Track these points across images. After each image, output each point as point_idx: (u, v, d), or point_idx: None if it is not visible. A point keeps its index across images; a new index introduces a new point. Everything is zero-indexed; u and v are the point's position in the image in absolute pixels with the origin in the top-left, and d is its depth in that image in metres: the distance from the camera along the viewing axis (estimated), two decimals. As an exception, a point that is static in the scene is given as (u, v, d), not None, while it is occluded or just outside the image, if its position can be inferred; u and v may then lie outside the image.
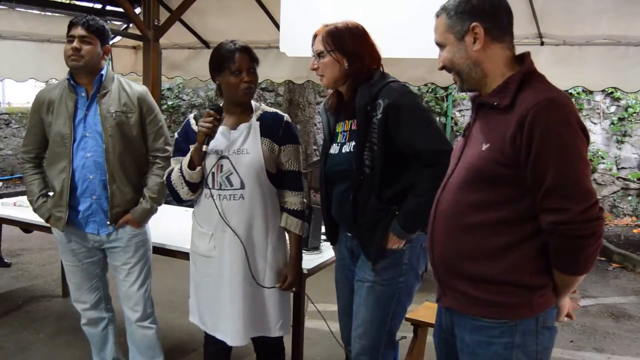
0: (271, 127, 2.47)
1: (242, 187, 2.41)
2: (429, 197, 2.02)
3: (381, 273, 2.25)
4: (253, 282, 2.45)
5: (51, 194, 2.83)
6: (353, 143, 2.26)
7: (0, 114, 10.19)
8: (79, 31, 2.63)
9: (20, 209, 3.91)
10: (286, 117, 2.54)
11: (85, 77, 2.70)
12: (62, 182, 2.70)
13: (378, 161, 2.17)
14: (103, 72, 2.72)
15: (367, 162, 2.19)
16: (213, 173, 2.43)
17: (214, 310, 2.52)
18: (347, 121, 2.34)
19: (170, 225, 2.86)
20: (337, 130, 2.39)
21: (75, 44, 2.62)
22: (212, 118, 2.35)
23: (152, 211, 2.83)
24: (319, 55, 2.28)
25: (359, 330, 2.32)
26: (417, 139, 2.14)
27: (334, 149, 2.36)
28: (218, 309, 2.50)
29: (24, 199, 4.17)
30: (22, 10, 5.85)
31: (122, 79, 2.82)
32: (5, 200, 4.22)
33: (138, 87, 2.83)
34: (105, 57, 2.73)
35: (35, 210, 2.85)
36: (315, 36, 2.31)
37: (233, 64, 2.36)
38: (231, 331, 2.48)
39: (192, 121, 2.52)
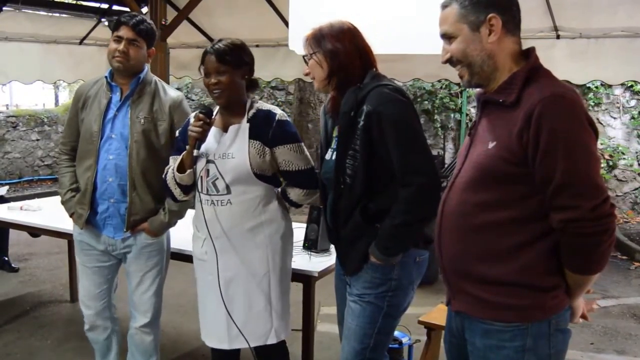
0: (261, 128, 2.37)
1: (229, 192, 2.37)
2: (405, 220, 1.98)
3: (369, 287, 2.16)
4: (245, 288, 2.41)
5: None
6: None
7: (7, 117, 10.14)
8: (128, 33, 2.57)
9: (27, 213, 3.87)
10: (279, 115, 2.41)
11: (124, 77, 2.65)
12: (86, 180, 2.66)
13: (360, 171, 2.06)
14: (142, 74, 2.65)
15: (348, 171, 2.09)
16: (202, 177, 2.40)
17: (203, 313, 2.53)
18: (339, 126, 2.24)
19: (179, 228, 2.82)
20: (333, 135, 2.28)
21: (122, 46, 2.56)
22: (201, 122, 2.33)
23: (170, 225, 2.76)
24: (307, 59, 2.20)
25: (344, 342, 2.25)
26: (394, 153, 2.01)
27: (328, 155, 2.27)
28: (206, 312, 2.50)
29: (31, 203, 4.16)
30: (29, 11, 5.85)
31: (160, 83, 2.74)
32: (12, 204, 4.18)
33: (172, 94, 2.74)
34: (148, 60, 2.68)
35: (62, 203, 2.81)
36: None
37: (203, 67, 2.35)
38: (215, 336, 2.47)
39: (192, 120, 2.45)
